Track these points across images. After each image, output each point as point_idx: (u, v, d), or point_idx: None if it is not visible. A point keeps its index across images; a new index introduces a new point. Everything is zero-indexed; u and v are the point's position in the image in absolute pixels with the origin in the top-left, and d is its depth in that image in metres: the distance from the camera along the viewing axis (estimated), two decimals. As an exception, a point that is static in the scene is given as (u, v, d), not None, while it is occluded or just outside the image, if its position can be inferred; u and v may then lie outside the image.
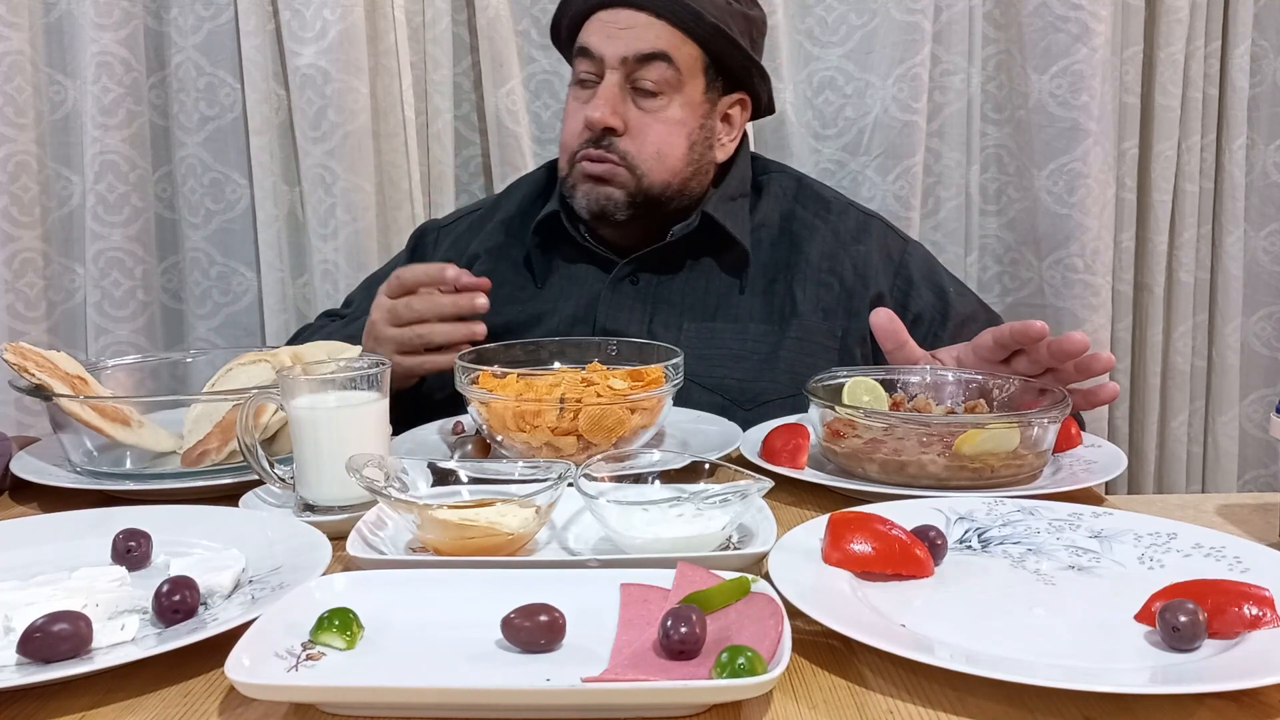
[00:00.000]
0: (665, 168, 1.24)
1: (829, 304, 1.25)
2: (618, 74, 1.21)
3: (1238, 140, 1.66)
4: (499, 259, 1.31)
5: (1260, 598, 0.61)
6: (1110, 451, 0.96)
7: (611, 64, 1.21)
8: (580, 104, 1.25)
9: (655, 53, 1.21)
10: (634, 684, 0.54)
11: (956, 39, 1.63)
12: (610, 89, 1.21)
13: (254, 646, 0.56)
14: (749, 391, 1.20)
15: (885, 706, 0.56)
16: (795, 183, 1.36)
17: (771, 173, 1.37)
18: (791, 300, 1.25)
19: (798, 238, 1.30)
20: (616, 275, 1.26)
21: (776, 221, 1.31)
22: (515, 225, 1.34)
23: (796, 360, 1.21)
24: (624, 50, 1.21)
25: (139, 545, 0.74)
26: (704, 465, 0.80)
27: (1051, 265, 1.64)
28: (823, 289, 1.26)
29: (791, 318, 1.24)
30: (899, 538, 0.70)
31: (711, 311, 1.25)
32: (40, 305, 1.63)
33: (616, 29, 1.22)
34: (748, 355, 1.22)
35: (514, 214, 1.35)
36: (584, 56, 1.24)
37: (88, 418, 0.92)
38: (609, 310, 1.25)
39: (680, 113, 1.24)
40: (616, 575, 0.65)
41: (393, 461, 0.79)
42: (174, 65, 1.62)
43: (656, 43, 1.21)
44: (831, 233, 1.30)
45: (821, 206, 1.33)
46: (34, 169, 1.61)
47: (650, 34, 1.21)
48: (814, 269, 1.27)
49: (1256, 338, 1.75)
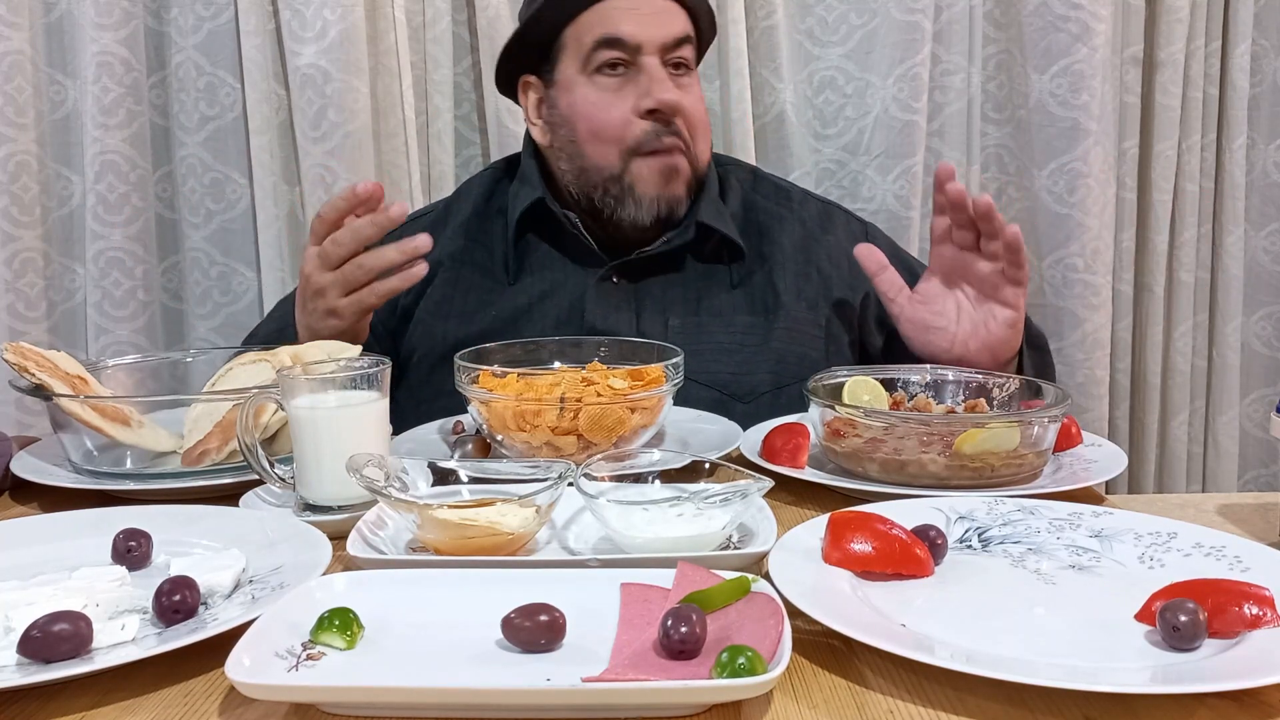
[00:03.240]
0: (706, 146, 1.26)
1: (810, 294, 1.26)
2: (656, 59, 1.20)
3: (1238, 140, 1.66)
4: (462, 264, 1.27)
5: (1260, 597, 0.61)
6: (1110, 451, 0.96)
7: (649, 50, 1.19)
8: (613, 93, 1.21)
9: (685, 35, 1.22)
10: (634, 684, 0.54)
11: (957, 39, 1.63)
12: (661, 70, 1.20)
13: (254, 646, 0.56)
14: (745, 384, 1.19)
15: (885, 706, 0.56)
16: (750, 174, 1.37)
17: (727, 165, 1.37)
18: (774, 291, 1.25)
19: (765, 227, 1.30)
20: (601, 276, 1.23)
21: (740, 213, 1.31)
22: (474, 227, 1.29)
23: (787, 350, 1.22)
24: (660, 35, 1.20)
25: (139, 545, 0.74)
26: (704, 465, 0.80)
27: (1052, 265, 1.64)
28: (802, 279, 1.26)
29: (777, 309, 1.24)
30: (899, 537, 0.70)
31: (695, 306, 1.24)
32: (40, 305, 1.63)
33: (640, 14, 1.20)
34: (737, 348, 1.22)
35: (469, 216, 1.31)
36: (612, 46, 1.20)
37: (88, 417, 0.92)
38: (597, 310, 1.22)
39: (699, 89, 1.26)
40: (617, 575, 0.65)
41: (393, 461, 0.79)
42: (174, 65, 1.62)
43: (686, 26, 1.22)
44: (798, 222, 1.31)
45: (782, 196, 1.34)
46: (34, 169, 1.61)
47: (677, 18, 1.22)
48: (790, 260, 1.27)
49: (1257, 337, 1.75)
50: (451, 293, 1.25)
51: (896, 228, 1.61)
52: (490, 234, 1.28)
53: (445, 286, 1.26)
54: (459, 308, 1.25)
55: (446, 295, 1.25)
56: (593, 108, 1.22)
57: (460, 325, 1.22)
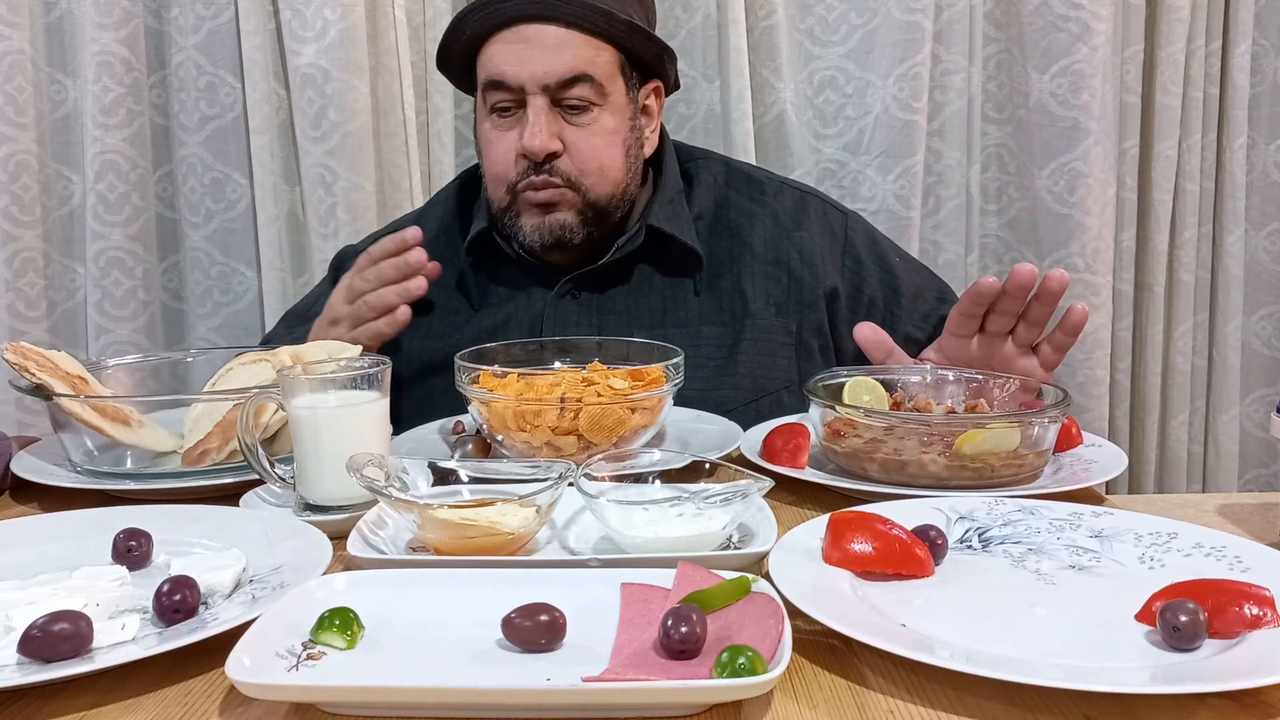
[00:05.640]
0: (609, 180, 1.18)
1: (779, 298, 1.22)
2: (541, 98, 1.13)
3: (1238, 139, 1.66)
4: (430, 284, 1.22)
5: (1261, 597, 0.61)
6: (1110, 451, 0.96)
7: (533, 90, 1.13)
8: (503, 132, 1.17)
9: (576, 75, 1.13)
10: (634, 684, 0.54)
11: (957, 38, 1.63)
12: (540, 114, 1.13)
13: (254, 646, 0.56)
14: (710, 402, 1.12)
15: (885, 706, 0.56)
16: (724, 167, 1.31)
17: (697, 159, 1.31)
18: (742, 298, 1.21)
19: (736, 226, 1.25)
20: (559, 292, 1.21)
21: (711, 211, 1.26)
22: (441, 245, 1.25)
23: (755, 362, 1.18)
24: (542, 75, 1.12)
25: (139, 545, 0.74)
26: (704, 465, 0.80)
27: (1052, 265, 1.64)
28: (771, 282, 1.22)
29: (744, 317, 1.20)
30: (899, 537, 0.70)
31: (660, 317, 1.21)
32: (41, 305, 1.64)
33: (527, 50, 1.13)
34: (703, 362, 1.18)
35: (437, 233, 1.27)
36: (497, 88, 1.15)
37: (88, 417, 0.92)
38: (555, 327, 1.19)
39: (612, 121, 1.17)
40: (617, 575, 0.65)
41: (393, 461, 0.79)
42: (174, 65, 1.62)
43: (574, 63, 1.13)
44: (770, 217, 1.25)
45: (755, 189, 1.28)
46: (34, 168, 1.61)
47: (566, 53, 1.13)
48: (759, 260, 1.22)
49: (1257, 337, 1.75)
50: (418, 310, 1.21)
51: (896, 227, 1.61)
52: (456, 251, 1.26)
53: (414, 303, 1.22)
54: (425, 327, 1.22)
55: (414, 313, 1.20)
56: (487, 146, 1.20)
57: (427, 343, 1.21)
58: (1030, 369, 1.03)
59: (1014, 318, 1.01)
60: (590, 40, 1.14)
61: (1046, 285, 0.99)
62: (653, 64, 1.22)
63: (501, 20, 1.14)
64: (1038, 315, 1.01)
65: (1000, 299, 1.00)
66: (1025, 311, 1.01)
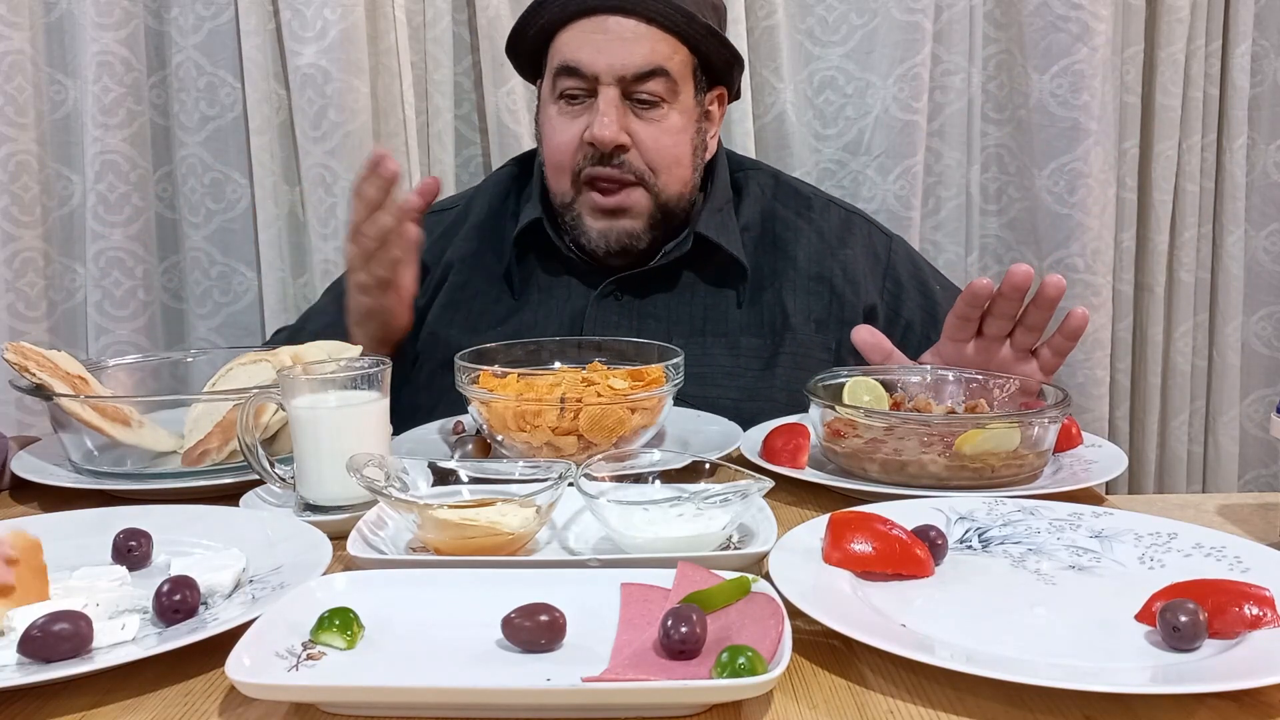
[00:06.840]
0: (678, 179, 1.19)
1: (820, 315, 1.22)
2: (614, 90, 1.14)
3: (1238, 140, 1.66)
4: (474, 269, 1.25)
5: (1261, 598, 0.61)
6: (1110, 451, 0.96)
7: (607, 81, 1.14)
8: (570, 119, 1.17)
9: (652, 69, 1.15)
10: (634, 684, 0.54)
11: (957, 39, 1.63)
12: (611, 104, 1.14)
13: (254, 646, 0.56)
14: (745, 412, 1.10)
15: (885, 706, 0.56)
16: (772, 180, 1.32)
17: (747, 169, 1.32)
18: (783, 311, 1.21)
19: (782, 240, 1.25)
20: (602, 292, 1.21)
21: (758, 222, 1.26)
22: (488, 230, 1.27)
23: (792, 376, 1.17)
24: (619, 67, 1.13)
25: (139, 545, 0.74)
26: (704, 465, 0.80)
27: (1052, 265, 1.64)
28: (813, 298, 1.22)
29: (785, 330, 1.20)
30: (899, 537, 0.70)
31: (700, 325, 1.21)
32: (41, 305, 1.63)
33: (605, 40, 1.14)
34: (741, 372, 1.18)
35: (485, 217, 1.28)
36: (570, 74, 1.16)
37: (88, 417, 0.92)
38: (595, 328, 1.19)
39: (680, 120, 1.18)
40: (617, 575, 0.65)
41: (393, 461, 0.79)
42: (174, 65, 1.62)
43: (652, 57, 1.14)
44: (816, 233, 1.26)
45: (802, 204, 1.29)
46: (34, 168, 1.61)
47: (644, 46, 1.14)
48: (802, 275, 1.23)
49: (1257, 337, 1.75)
50: (459, 297, 1.24)
51: (896, 228, 1.60)
52: (502, 239, 1.26)
53: (454, 290, 1.24)
54: (464, 315, 1.23)
55: (454, 300, 1.24)
56: (551, 132, 1.20)
57: (464, 335, 1.20)
58: (1029, 374, 1.03)
59: (1011, 321, 1.01)
60: (668, 38, 1.16)
61: (1043, 291, 0.98)
62: (721, 70, 1.23)
63: (584, 8, 1.15)
64: (1035, 320, 1.00)
65: (996, 301, 0.99)
66: (1022, 316, 1.00)
